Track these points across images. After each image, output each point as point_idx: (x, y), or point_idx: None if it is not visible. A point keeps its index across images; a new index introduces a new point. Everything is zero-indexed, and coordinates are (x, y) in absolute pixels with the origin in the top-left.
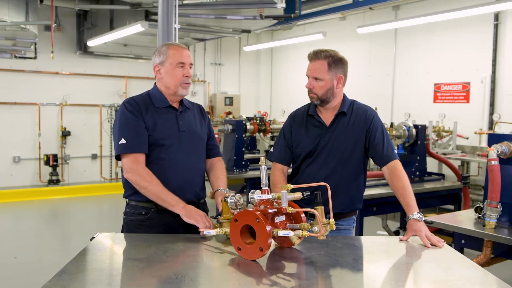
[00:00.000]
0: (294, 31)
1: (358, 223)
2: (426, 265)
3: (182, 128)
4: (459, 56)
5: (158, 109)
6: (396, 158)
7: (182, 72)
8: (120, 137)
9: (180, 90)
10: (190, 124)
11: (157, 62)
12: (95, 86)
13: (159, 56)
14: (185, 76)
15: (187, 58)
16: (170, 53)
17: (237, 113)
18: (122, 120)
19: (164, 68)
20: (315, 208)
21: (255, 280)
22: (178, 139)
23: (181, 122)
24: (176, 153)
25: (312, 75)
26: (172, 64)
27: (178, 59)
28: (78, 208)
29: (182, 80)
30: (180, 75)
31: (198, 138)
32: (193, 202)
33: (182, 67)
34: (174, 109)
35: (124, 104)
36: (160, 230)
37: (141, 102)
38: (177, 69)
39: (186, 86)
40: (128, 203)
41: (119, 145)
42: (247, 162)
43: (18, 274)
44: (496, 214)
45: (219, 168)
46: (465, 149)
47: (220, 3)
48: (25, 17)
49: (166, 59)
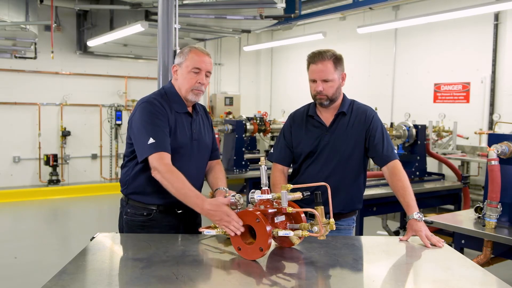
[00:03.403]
0: (294, 31)
1: (358, 223)
2: (426, 265)
3: (194, 136)
4: (459, 56)
5: (177, 113)
6: (396, 158)
7: (196, 78)
8: (149, 136)
9: (190, 95)
10: (200, 133)
11: (176, 63)
12: (95, 86)
13: (180, 57)
14: (198, 83)
15: (204, 65)
16: (189, 56)
17: (237, 113)
18: (149, 120)
19: (181, 70)
20: (315, 208)
21: (255, 280)
22: (190, 148)
23: (194, 130)
24: (186, 161)
25: (321, 78)
26: (188, 67)
27: (195, 64)
28: (78, 208)
29: (194, 86)
30: (193, 81)
31: (206, 147)
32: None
33: (197, 73)
34: (190, 115)
35: (148, 102)
36: (162, 231)
37: (165, 104)
38: (192, 73)
39: (198, 93)
40: (128, 203)
41: (148, 145)
42: (247, 162)
43: (18, 274)
44: (496, 214)
45: (218, 170)
46: (465, 149)
47: (220, 3)
48: (25, 17)
49: (184, 61)
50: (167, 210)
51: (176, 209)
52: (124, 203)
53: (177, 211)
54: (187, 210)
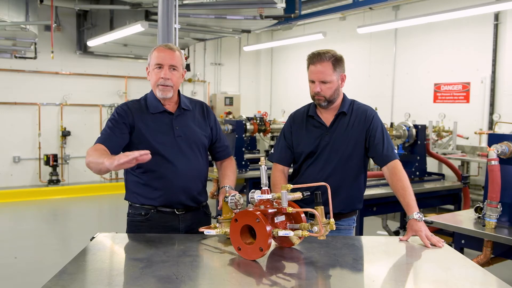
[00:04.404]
0: (294, 31)
1: (358, 223)
2: (426, 265)
3: (178, 133)
4: (459, 56)
5: (152, 114)
6: (396, 158)
7: (159, 73)
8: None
9: (157, 92)
10: (187, 128)
11: (147, 65)
12: (95, 86)
13: (148, 58)
14: (160, 78)
15: (166, 60)
16: (153, 55)
17: (237, 113)
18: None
19: (149, 70)
20: (315, 208)
21: (255, 280)
22: (174, 145)
23: (177, 127)
24: (172, 159)
25: (320, 79)
26: (151, 65)
27: (156, 60)
28: (78, 208)
29: (158, 82)
30: (156, 77)
31: (197, 141)
32: (191, 207)
33: (159, 68)
34: (170, 114)
35: (116, 108)
36: (160, 230)
37: (134, 107)
38: (155, 70)
39: (164, 88)
40: (130, 204)
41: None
42: (247, 162)
43: (18, 274)
44: (496, 214)
45: (228, 166)
46: (465, 149)
47: (220, 3)
48: (25, 17)
49: (150, 61)
50: (165, 209)
51: (176, 210)
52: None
53: (176, 212)
54: (187, 210)
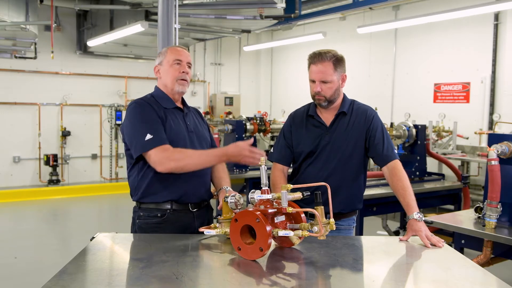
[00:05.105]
0: (294, 31)
1: (358, 223)
2: (426, 265)
3: (190, 128)
4: (459, 56)
5: (166, 109)
6: (396, 158)
7: (179, 68)
8: (145, 133)
9: (176, 86)
10: (196, 125)
11: (157, 63)
12: (95, 86)
13: (159, 57)
14: (181, 72)
15: (184, 57)
16: (168, 52)
17: (237, 113)
18: (141, 117)
19: (163, 67)
20: (315, 208)
21: (255, 280)
22: (188, 140)
23: (188, 122)
24: None
25: (320, 79)
26: (169, 62)
27: (175, 56)
28: (78, 208)
29: (178, 76)
30: (176, 72)
31: (204, 139)
32: (201, 204)
33: (179, 64)
34: (181, 110)
35: (136, 103)
36: (177, 230)
37: (152, 102)
38: (174, 66)
39: (182, 82)
40: (141, 207)
41: (146, 142)
42: None
43: (18, 274)
44: (496, 214)
45: (221, 169)
46: (465, 149)
47: (220, 3)
48: (25, 17)
49: (165, 58)
50: (180, 208)
51: (190, 207)
52: (136, 209)
53: (191, 210)
54: (201, 208)
